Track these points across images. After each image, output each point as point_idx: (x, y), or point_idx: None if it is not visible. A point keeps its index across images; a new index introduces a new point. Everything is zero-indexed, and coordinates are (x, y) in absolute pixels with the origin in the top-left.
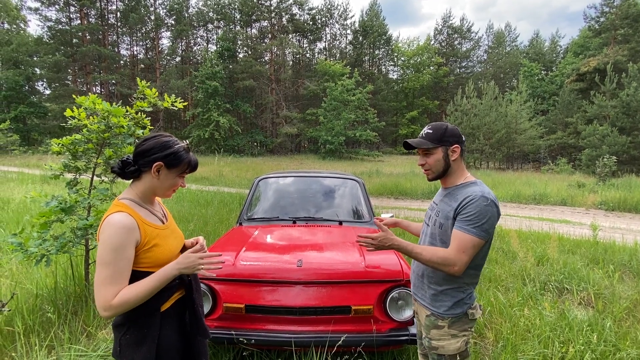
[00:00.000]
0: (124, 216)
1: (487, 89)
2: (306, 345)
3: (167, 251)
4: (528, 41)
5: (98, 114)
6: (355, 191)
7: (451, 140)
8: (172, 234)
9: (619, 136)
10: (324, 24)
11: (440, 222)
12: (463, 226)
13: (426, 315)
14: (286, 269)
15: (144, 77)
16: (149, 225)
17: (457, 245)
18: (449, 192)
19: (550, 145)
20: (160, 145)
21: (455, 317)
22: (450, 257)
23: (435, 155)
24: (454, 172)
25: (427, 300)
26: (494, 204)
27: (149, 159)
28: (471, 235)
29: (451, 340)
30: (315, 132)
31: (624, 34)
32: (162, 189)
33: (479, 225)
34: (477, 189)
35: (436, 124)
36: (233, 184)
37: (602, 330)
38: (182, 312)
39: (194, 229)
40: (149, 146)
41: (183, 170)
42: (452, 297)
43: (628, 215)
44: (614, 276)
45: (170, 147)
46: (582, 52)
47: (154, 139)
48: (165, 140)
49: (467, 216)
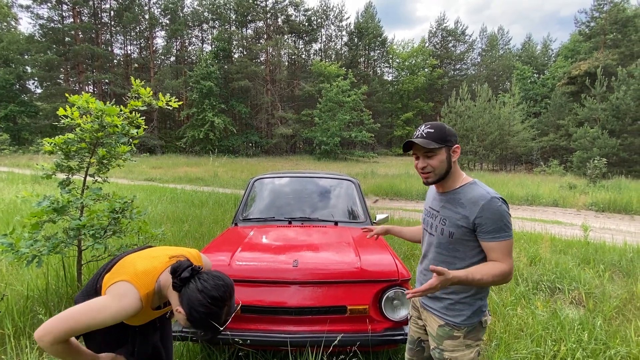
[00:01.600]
0: (137, 304)
1: (480, 91)
2: (302, 345)
3: (136, 322)
4: (521, 44)
5: (91, 113)
6: (350, 191)
7: (453, 140)
8: (158, 314)
9: (609, 139)
10: (319, 25)
11: (450, 231)
12: (495, 235)
13: (439, 325)
14: (282, 269)
15: (137, 76)
16: (145, 309)
17: (502, 255)
18: (450, 196)
19: (542, 147)
20: (198, 304)
21: (471, 326)
22: (506, 269)
23: (439, 156)
24: (453, 174)
25: (442, 310)
26: (503, 200)
27: (182, 297)
28: (507, 240)
29: (465, 351)
30: (311, 133)
31: (614, 38)
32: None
33: (506, 226)
34: (482, 192)
35: (435, 122)
36: (228, 185)
37: (592, 328)
38: None
39: (189, 230)
40: (197, 288)
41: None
42: (469, 306)
43: (617, 216)
44: (604, 276)
45: (200, 314)
46: (572, 56)
47: (204, 293)
48: (209, 304)
49: (493, 225)
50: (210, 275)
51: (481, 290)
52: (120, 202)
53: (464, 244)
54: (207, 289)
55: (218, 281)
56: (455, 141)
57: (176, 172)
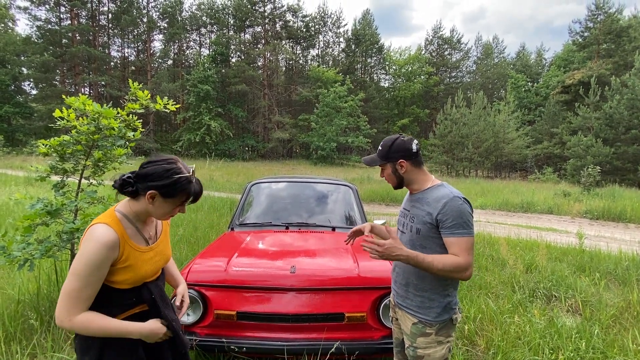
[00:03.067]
0: (108, 232)
1: (476, 98)
2: (299, 352)
3: (137, 275)
4: (515, 53)
5: (88, 115)
6: (348, 197)
7: (396, 156)
8: (155, 256)
9: (602, 147)
10: (317, 32)
11: (417, 228)
12: (454, 231)
13: (413, 323)
14: (279, 276)
15: (134, 79)
16: (130, 246)
17: (460, 250)
18: (418, 197)
19: (536, 154)
20: (159, 174)
21: (442, 323)
22: (461, 262)
23: (386, 170)
24: (414, 181)
25: (414, 308)
26: (466, 201)
27: (145, 185)
28: (466, 237)
29: (437, 348)
30: (308, 138)
31: (607, 48)
32: (157, 215)
33: (465, 223)
34: (446, 192)
35: (386, 139)
36: (224, 189)
37: (590, 337)
38: None
39: (184, 234)
40: (148, 171)
41: (182, 201)
42: (439, 303)
43: (612, 224)
44: (600, 284)
45: (169, 177)
46: (565, 66)
47: (156, 165)
48: (167, 167)
49: (452, 221)
50: None
51: (448, 287)
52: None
53: (430, 240)
54: (152, 162)
55: (153, 157)
56: (401, 156)
57: None
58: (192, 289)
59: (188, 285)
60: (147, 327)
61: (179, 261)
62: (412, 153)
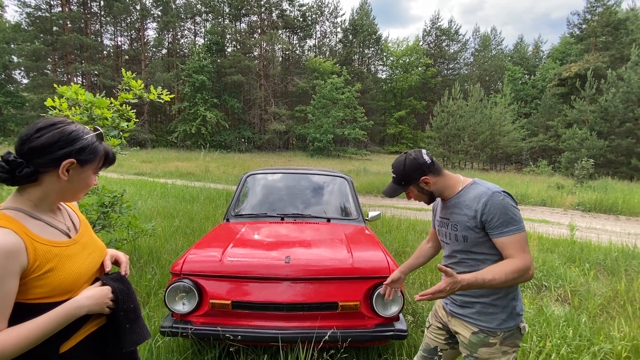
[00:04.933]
0: (4, 234)
1: (472, 91)
2: (293, 341)
3: (70, 276)
4: (513, 45)
5: (80, 105)
6: (343, 188)
7: (415, 176)
8: (84, 249)
9: (597, 140)
10: (314, 21)
11: (464, 235)
12: (503, 230)
13: (472, 332)
14: (274, 265)
15: (128, 69)
16: (43, 243)
17: (515, 250)
18: (454, 202)
19: (531, 147)
20: (68, 138)
21: (508, 331)
22: (520, 265)
23: (411, 192)
24: (445, 188)
25: (474, 315)
26: (506, 194)
27: (53, 155)
28: (517, 233)
29: (502, 358)
30: (304, 130)
31: (605, 41)
32: (73, 192)
33: (513, 219)
34: (483, 189)
35: (395, 164)
36: (220, 180)
37: (577, 325)
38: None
39: (179, 225)
40: (51, 139)
41: (99, 165)
42: (503, 308)
43: (603, 216)
44: (589, 274)
45: (80, 137)
46: (562, 59)
47: (56, 129)
48: (71, 129)
49: (499, 220)
50: None
51: (512, 290)
52: (109, 196)
53: (480, 245)
54: (43, 128)
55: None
56: (420, 174)
57: (167, 167)
58: (187, 279)
59: (183, 275)
60: (85, 295)
61: (175, 252)
62: (429, 165)
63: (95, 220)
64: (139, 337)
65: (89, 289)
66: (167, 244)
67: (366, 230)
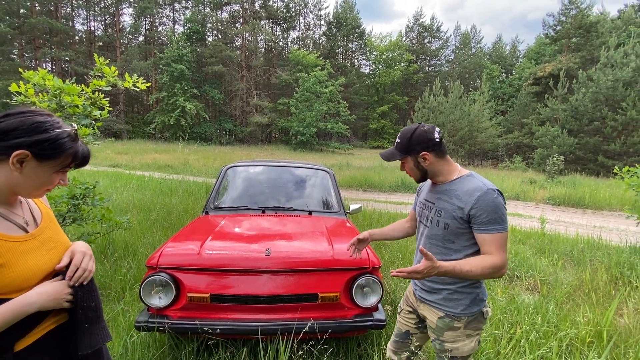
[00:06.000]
0: None
1: (453, 88)
2: (273, 333)
3: (22, 273)
4: (491, 44)
5: (48, 91)
6: (325, 182)
7: (418, 149)
8: (43, 245)
9: (567, 138)
10: (297, 13)
11: (446, 223)
12: (489, 227)
13: (439, 317)
14: (254, 258)
15: (102, 55)
16: None
17: (495, 248)
18: (445, 188)
19: (507, 143)
20: (29, 127)
21: (472, 316)
22: (497, 262)
23: (408, 164)
24: (440, 172)
25: (440, 302)
26: (499, 193)
27: (7, 143)
28: (501, 233)
29: (466, 341)
30: (287, 123)
31: (577, 43)
32: (27, 188)
33: (500, 218)
34: (478, 183)
35: (404, 130)
36: (199, 173)
37: (545, 312)
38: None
39: (157, 218)
40: (9, 126)
41: (65, 165)
42: (467, 295)
43: (571, 209)
44: (558, 264)
45: (46, 131)
46: (537, 59)
47: (21, 116)
48: (39, 120)
49: (487, 217)
50: None
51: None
52: (81, 187)
53: (459, 236)
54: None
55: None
56: (424, 148)
57: (144, 159)
58: (164, 272)
59: (159, 268)
60: (37, 291)
61: (152, 246)
62: (435, 143)
63: (66, 213)
64: (97, 339)
65: (42, 285)
66: (144, 237)
67: (347, 223)
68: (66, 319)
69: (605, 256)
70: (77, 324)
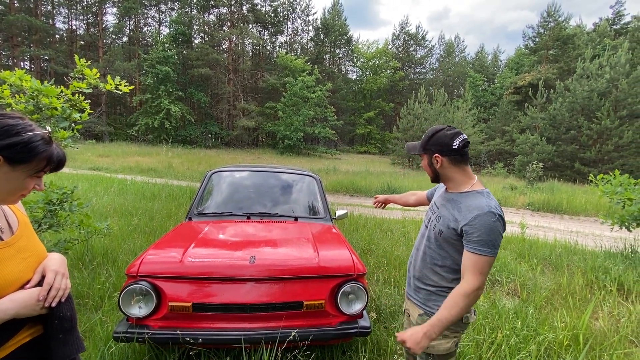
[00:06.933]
0: None
1: (437, 95)
2: (256, 342)
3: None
4: (474, 53)
5: (26, 93)
6: (312, 187)
7: (432, 149)
8: (18, 253)
9: (546, 145)
10: (285, 18)
11: (440, 229)
12: (478, 248)
13: (419, 314)
14: (238, 266)
15: (84, 55)
16: None
17: (474, 269)
18: (453, 197)
19: (489, 150)
20: (0, 131)
21: None
22: (467, 289)
23: (424, 160)
24: (451, 179)
25: (421, 300)
26: (500, 219)
27: None
28: (486, 256)
29: (442, 341)
30: (274, 127)
31: (555, 54)
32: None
33: (492, 242)
34: (482, 203)
35: (431, 128)
36: (183, 177)
37: (525, 317)
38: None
39: (138, 224)
40: None
41: (38, 169)
42: (444, 298)
43: (550, 215)
44: (537, 269)
45: (17, 134)
46: (517, 68)
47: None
48: (11, 123)
49: (479, 237)
50: None
51: (455, 283)
52: (58, 192)
53: (450, 244)
54: None
55: None
56: (437, 150)
57: (126, 162)
58: (144, 281)
59: (140, 277)
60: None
61: (132, 253)
62: (451, 149)
63: (42, 219)
64: (71, 349)
65: (16, 292)
66: (125, 243)
67: (333, 229)
68: (41, 332)
69: (582, 261)
70: (52, 334)
